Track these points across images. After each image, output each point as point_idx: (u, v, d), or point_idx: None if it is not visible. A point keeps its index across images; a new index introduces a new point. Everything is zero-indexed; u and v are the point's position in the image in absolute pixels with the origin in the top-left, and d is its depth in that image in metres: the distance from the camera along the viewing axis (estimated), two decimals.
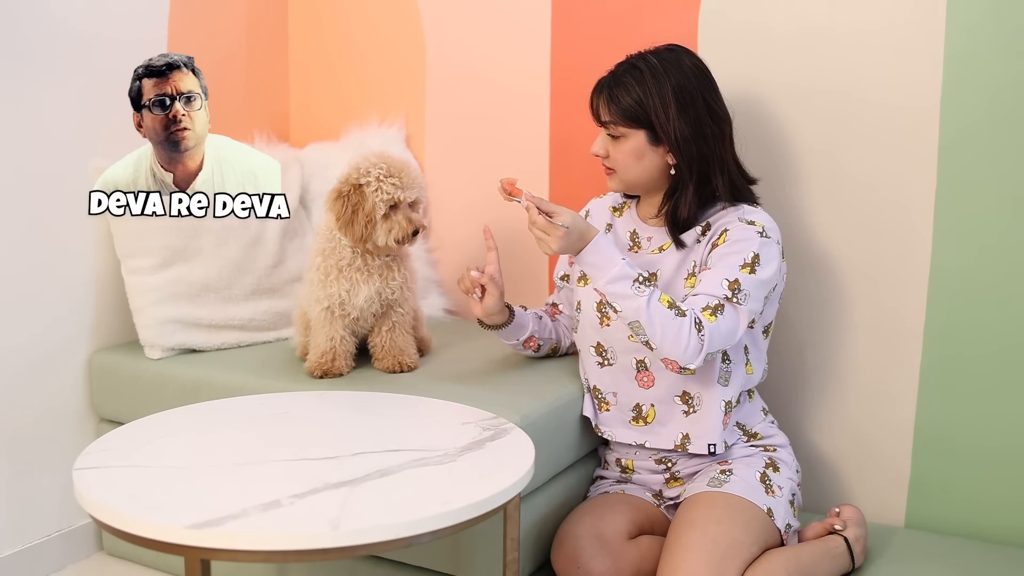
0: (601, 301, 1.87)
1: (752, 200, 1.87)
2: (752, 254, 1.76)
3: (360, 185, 1.91)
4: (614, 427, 1.93)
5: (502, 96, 2.45)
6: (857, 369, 2.12)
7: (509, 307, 1.99)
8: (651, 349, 1.71)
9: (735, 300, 1.73)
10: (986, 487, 2.00)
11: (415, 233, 1.94)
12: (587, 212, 2.05)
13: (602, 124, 1.85)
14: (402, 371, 2.00)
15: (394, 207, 1.91)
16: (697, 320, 1.69)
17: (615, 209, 2.01)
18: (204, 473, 1.43)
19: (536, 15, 2.37)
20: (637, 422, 1.90)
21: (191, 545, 1.22)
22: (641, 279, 1.71)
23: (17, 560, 2.12)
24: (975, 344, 1.98)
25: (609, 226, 1.99)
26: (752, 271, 1.75)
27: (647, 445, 1.89)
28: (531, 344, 2.05)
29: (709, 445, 1.83)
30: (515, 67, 2.42)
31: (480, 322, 2.00)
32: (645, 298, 1.68)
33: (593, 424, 1.96)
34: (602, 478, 2.01)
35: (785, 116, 2.11)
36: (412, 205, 1.95)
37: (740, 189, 1.86)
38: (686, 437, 1.85)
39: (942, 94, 1.96)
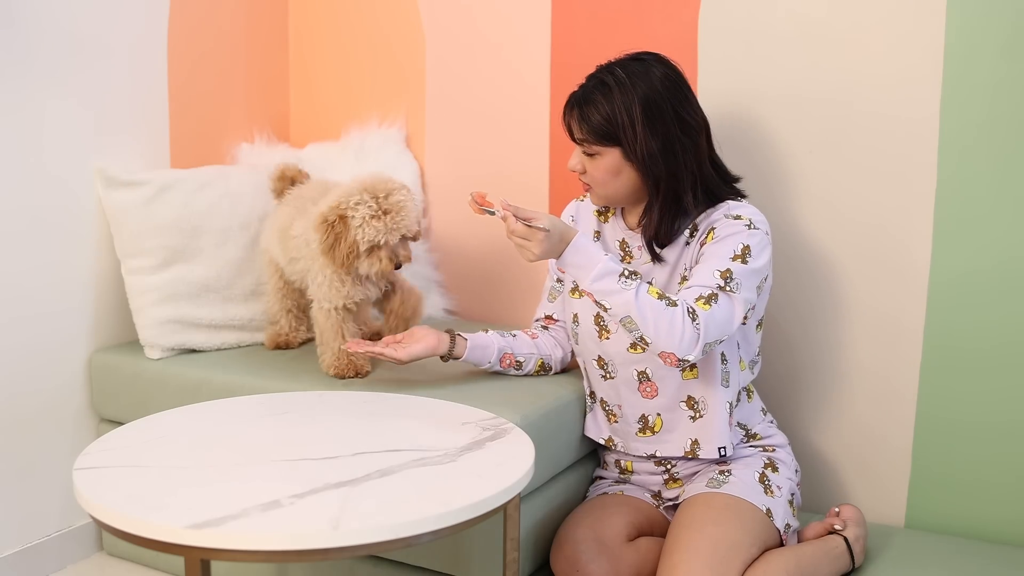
0: (598, 313, 1.86)
1: (736, 196, 1.84)
2: (742, 245, 1.73)
3: (345, 217, 1.87)
4: (626, 439, 1.92)
5: (502, 96, 2.45)
6: (857, 369, 2.12)
7: (454, 335, 1.92)
8: (646, 345, 1.67)
9: (728, 289, 1.70)
10: (986, 487, 2.00)
11: (398, 267, 1.92)
12: (571, 217, 2.00)
13: (576, 142, 1.81)
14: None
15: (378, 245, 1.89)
16: (690, 309, 1.66)
17: (600, 213, 1.97)
18: (204, 473, 1.43)
19: (536, 15, 2.37)
20: (644, 432, 1.88)
21: (191, 545, 1.22)
22: (627, 273, 1.67)
23: (17, 560, 2.12)
24: (976, 344, 1.98)
25: (597, 233, 1.96)
26: (743, 261, 1.72)
27: (658, 455, 1.88)
28: (508, 362, 1.97)
29: (719, 448, 1.82)
30: (515, 67, 2.42)
31: (441, 357, 1.93)
32: (632, 291, 1.65)
33: (604, 438, 1.94)
34: (601, 478, 2.01)
35: (785, 115, 2.11)
36: (403, 239, 1.92)
37: (717, 192, 1.82)
38: (695, 443, 1.84)
39: (942, 94, 1.96)
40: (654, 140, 1.75)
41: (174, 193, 2.22)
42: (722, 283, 1.70)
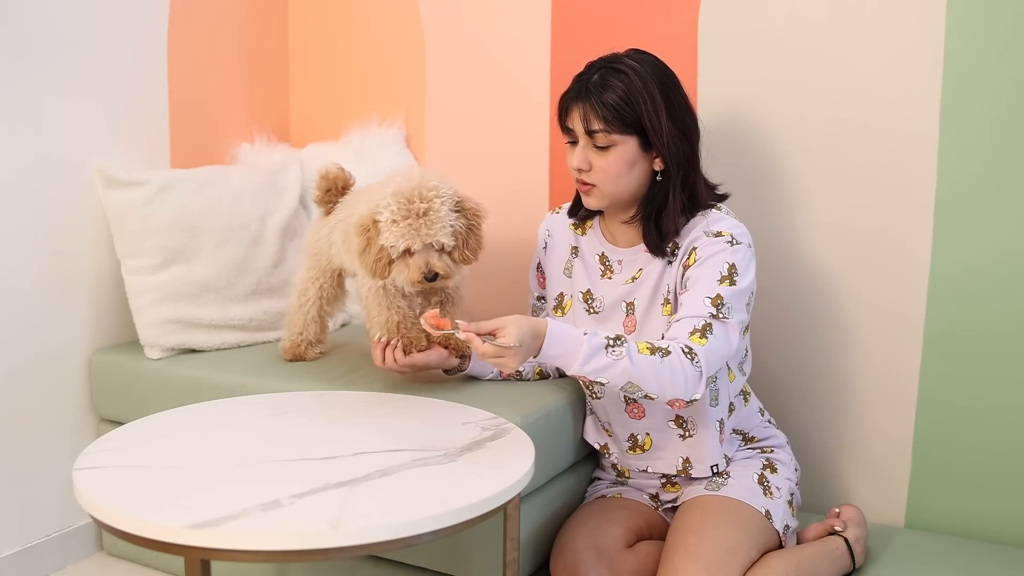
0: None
1: (713, 203, 1.79)
2: (727, 265, 1.68)
3: (377, 221, 1.73)
4: (620, 455, 1.91)
5: (502, 96, 2.45)
6: (857, 369, 2.12)
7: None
8: (652, 399, 1.63)
9: (721, 316, 1.65)
10: (986, 487, 2.00)
11: (432, 278, 1.72)
12: (547, 231, 1.96)
13: (588, 134, 1.71)
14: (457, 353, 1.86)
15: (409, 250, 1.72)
16: (686, 348, 1.61)
17: (576, 226, 1.91)
18: (204, 473, 1.43)
19: (536, 16, 2.37)
20: (635, 451, 1.88)
21: (191, 545, 1.22)
22: (611, 341, 1.59)
23: (17, 560, 2.12)
24: (975, 344, 1.98)
25: (575, 249, 1.90)
26: (731, 283, 1.68)
27: (650, 470, 1.87)
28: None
29: (712, 467, 1.81)
30: (515, 67, 2.42)
31: (447, 371, 1.90)
32: (626, 358, 1.57)
33: (601, 444, 1.94)
34: (599, 479, 2.00)
35: (786, 115, 2.11)
36: (440, 251, 1.73)
37: (705, 195, 1.79)
38: (687, 461, 1.83)
39: (942, 94, 1.96)
40: (674, 125, 1.71)
41: (174, 193, 2.22)
42: (714, 311, 1.66)
